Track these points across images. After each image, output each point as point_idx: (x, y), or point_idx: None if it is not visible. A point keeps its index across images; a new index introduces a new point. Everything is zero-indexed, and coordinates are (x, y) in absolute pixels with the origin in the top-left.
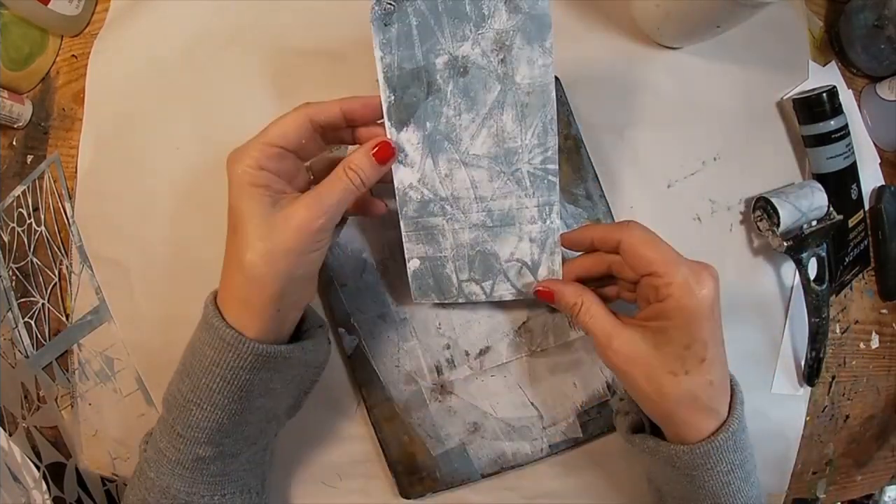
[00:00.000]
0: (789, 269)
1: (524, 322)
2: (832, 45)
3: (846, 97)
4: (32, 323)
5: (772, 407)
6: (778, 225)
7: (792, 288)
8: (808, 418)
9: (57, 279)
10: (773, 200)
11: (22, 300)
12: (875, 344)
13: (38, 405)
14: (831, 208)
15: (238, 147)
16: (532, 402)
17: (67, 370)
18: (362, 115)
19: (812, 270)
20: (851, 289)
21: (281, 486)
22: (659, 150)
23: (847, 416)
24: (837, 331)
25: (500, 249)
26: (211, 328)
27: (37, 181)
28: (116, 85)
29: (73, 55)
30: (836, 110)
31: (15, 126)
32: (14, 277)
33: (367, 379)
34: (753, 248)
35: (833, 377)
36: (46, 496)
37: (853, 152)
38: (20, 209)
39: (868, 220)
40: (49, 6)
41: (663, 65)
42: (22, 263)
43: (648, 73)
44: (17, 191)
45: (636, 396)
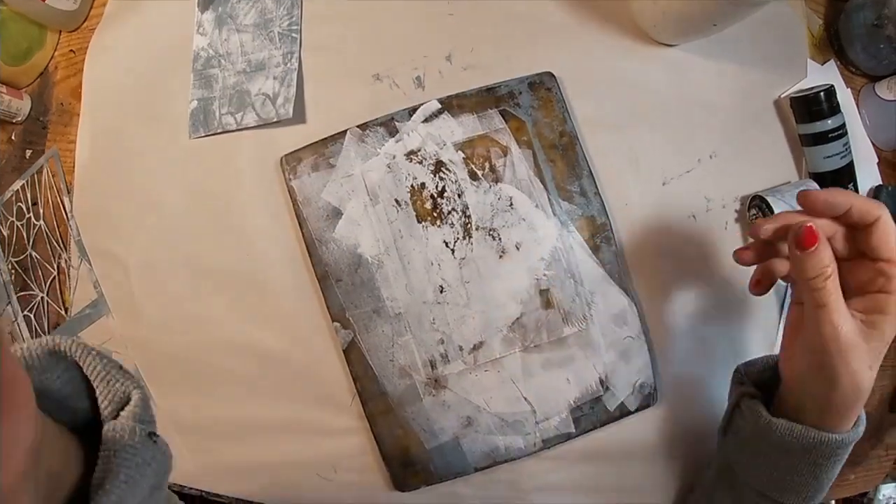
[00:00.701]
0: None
1: (518, 318)
2: (831, 44)
3: (845, 96)
4: (32, 316)
5: None
6: None
7: (787, 286)
8: None
9: (56, 273)
10: (769, 199)
11: (21, 294)
12: None
13: None
14: None
15: None
16: (525, 397)
17: None
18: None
19: None
20: None
21: (277, 479)
22: (655, 147)
23: None
24: None
25: (251, 87)
26: None
27: (35, 175)
28: (114, 79)
29: (72, 50)
30: (834, 109)
31: (14, 121)
32: (13, 271)
33: (362, 373)
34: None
35: None
36: None
37: (850, 152)
38: (19, 203)
39: None
40: (47, 2)
41: (660, 62)
42: (21, 257)
43: (645, 69)
44: (17, 185)
45: (824, 381)
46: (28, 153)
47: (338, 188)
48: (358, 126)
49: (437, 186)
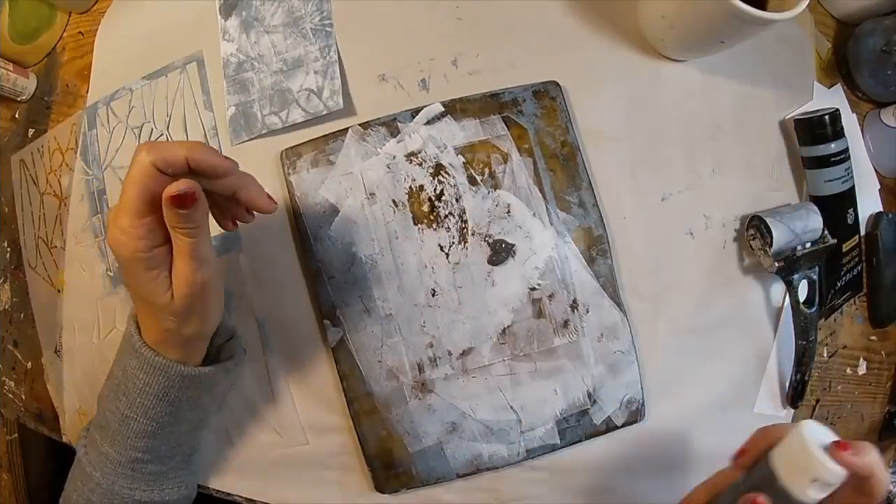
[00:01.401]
0: (780, 290)
1: (509, 326)
2: (839, 68)
3: (849, 121)
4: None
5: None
6: (770, 245)
7: (782, 308)
8: None
9: None
10: (767, 220)
11: None
12: (862, 370)
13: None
14: (826, 232)
15: (112, 228)
16: (511, 406)
17: None
18: (209, 169)
19: (802, 293)
20: (842, 313)
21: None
22: (656, 161)
23: None
24: (825, 354)
25: (292, 85)
26: (140, 356)
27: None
28: (122, 63)
29: (80, 32)
30: (838, 133)
31: (18, 99)
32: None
33: (349, 372)
34: (745, 266)
35: (817, 401)
36: None
37: (852, 176)
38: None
39: (863, 247)
40: None
41: (666, 77)
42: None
43: (650, 84)
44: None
45: None
46: (31, 132)
47: (336, 185)
48: (360, 125)
49: (435, 189)
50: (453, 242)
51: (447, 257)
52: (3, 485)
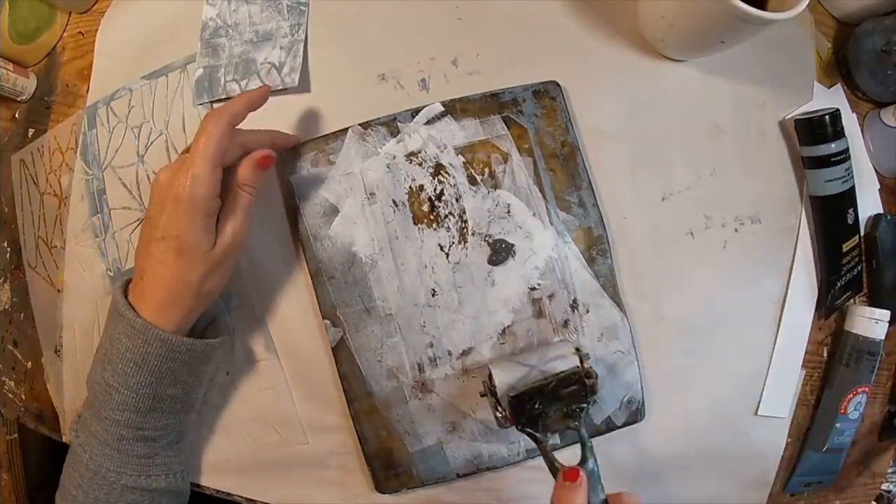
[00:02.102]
0: (780, 290)
1: (509, 325)
2: (839, 68)
3: (849, 121)
4: (129, 238)
5: (754, 427)
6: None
7: (782, 309)
8: (789, 440)
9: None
10: (493, 370)
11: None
12: None
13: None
14: (581, 368)
15: (185, 169)
16: None
17: None
18: (258, 105)
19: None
20: (842, 313)
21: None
22: (656, 161)
23: None
24: (824, 354)
25: (258, 56)
26: (123, 319)
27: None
28: (122, 63)
29: (80, 32)
30: (838, 133)
31: (18, 99)
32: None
33: (349, 372)
34: (746, 267)
35: (818, 400)
36: None
37: (852, 176)
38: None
39: (863, 247)
40: None
41: (666, 77)
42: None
43: (650, 84)
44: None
45: None
46: (31, 132)
47: (336, 185)
48: (360, 124)
49: (435, 189)
50: (453, 242)
51: (447, 257)
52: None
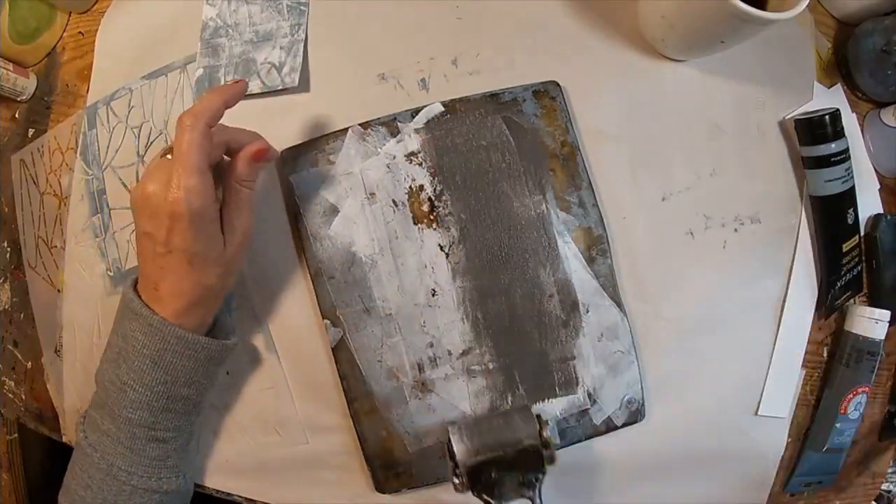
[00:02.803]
0: (780, 290)
1: (507, 327)
2: (839, 68)
3: (849, 121)
4: (129, 238)
5: (754, 427)
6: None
7: (782, 309)
8: (789, 440)
9: None
10: (451, 435)
11: (118, 208)
12: None
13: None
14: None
15: (175, 181)
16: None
17: None
18: (235, 101)
19: None
20: (842, 313)
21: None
22: (656, 161)
23: None
24: (824, 354)
25: (258, 56)
26: (139, 317)
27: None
28: (122, 63)
29: (80, 32)
30: (838, 133)
31: (18, 99)
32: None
33: (349, 372)
34: (746, 267)
35: (818, 400)
36: None
37: (852, 176)
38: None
39: (863, 248)
40: None
41: (666, 77)
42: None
43: (650, 84)
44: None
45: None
46: (31, 132)
47: (336, 185)
48: (360, 124)
49: (435, 189)
50: (453, 242)
51: (447, 257)
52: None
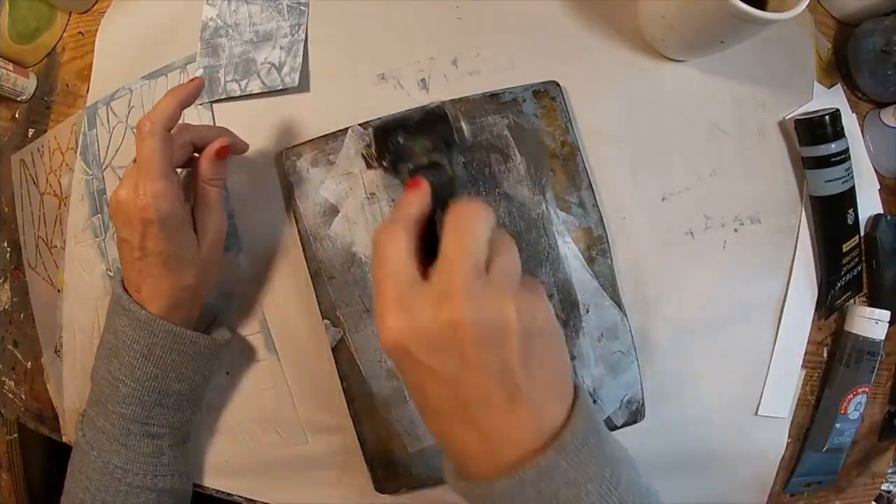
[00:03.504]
0: (780, 290)
1: None
2: (839, 68)
3: (849, 121)
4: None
5: (754, 427)
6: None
7: (782, 309)
8: (789, 440)
9: None
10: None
11: None
12: None
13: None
14: None
15: (142, 188)
16: None
17: None
18: (191, 101)
19: None
20: (842, 313)
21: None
22: (656, 161)
23: None
24: (824, 355)
25: (258, 56)
26: (128, 313)
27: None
28: (122, 63)
29: (80, 32)
30: (838, 134)
31: (18, 99)
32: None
33: (349, 372)
34: (746, 267)
35: (818, 400)
36: None
37: (852, 177)
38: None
39: (863, 248)
40: None
41: (667, 77)
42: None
43: (650, 84)
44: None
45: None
46: (31, 132)
47: (336, 185)
48: (360, 124)
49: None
50: None
51: None
52: (3, 485)
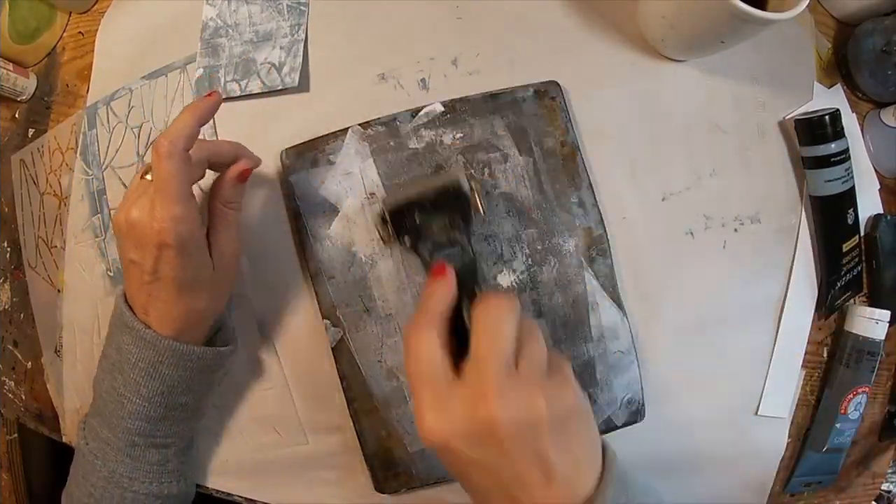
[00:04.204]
0: (780, 289)
1: None
2: (839, 68)
3: (849, 121)
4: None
5: (754, 427)
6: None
7: (782, 308)
8: (789, 440)
9: None
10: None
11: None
12: None
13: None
14: None
15: (159, 210)
16: None
17: None
18: (209, 117)
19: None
20: (842, 313)
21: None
22: (656, 161)
23: None
24: (824, 354)
25: (258, 56)
26: (132, 330)
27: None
28: (122, 63)
29: (80, 32)
30: (838, 133)
31: (18, 99)
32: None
33: (349, 372)
34: (746, 267)
35: (818, 400)
36: None
37: (852, 176)
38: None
39: (863, 248)
40: None
41: (666, 77)
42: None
43: (651, 84)
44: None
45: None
46: (31, 132)
47: (336, 185)
48: (360, 125)
49: None
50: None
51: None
52: (3, 485)
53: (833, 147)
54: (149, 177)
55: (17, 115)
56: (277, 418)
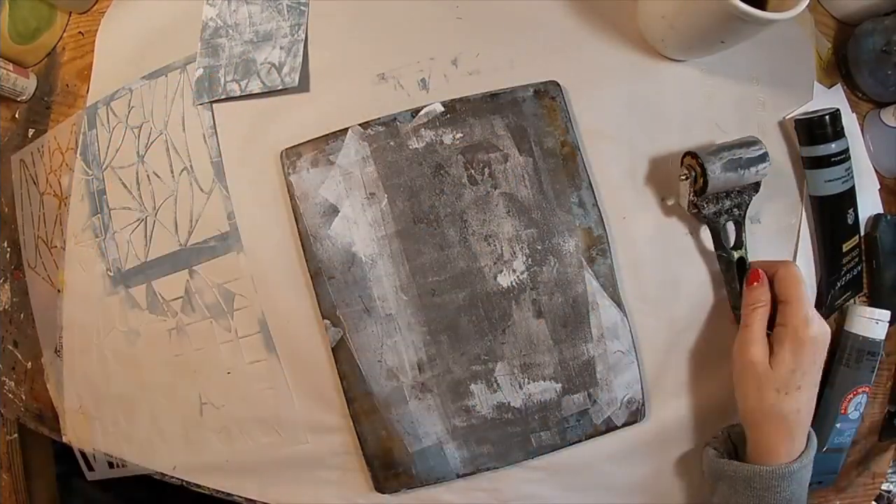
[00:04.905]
0: None
1: (508, 325)
2: (839, 68)
3: (849, 121)
4: (129, 238)
5: None
6: (702, 191)
7: None
8: None
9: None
10: (702, 158)
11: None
12: None
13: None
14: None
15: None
16: (511, 406)
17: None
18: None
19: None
20: (842, 313)
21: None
22: (655, 161)
23: None
24: None
25: (258, 56)
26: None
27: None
28: (122, 63)
29: (80, 32)
30: (838, 134)
31: (18, 99)
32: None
33: (349, 371)
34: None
35: (818, 399)
36: None
37: (852, 176)
38: None
39: (863, 248)
40: None
41: (666, 77)
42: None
43: (650, 84)
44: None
45: (741, 399)
46: (31, 132)
47: (336, 185)
48: (360, 125)
49: (435, 189)
50: (453, 242)
51: (447, 257)
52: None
53: (833, 147)
54: None
55: (17, 115)
56: (277, 418)
